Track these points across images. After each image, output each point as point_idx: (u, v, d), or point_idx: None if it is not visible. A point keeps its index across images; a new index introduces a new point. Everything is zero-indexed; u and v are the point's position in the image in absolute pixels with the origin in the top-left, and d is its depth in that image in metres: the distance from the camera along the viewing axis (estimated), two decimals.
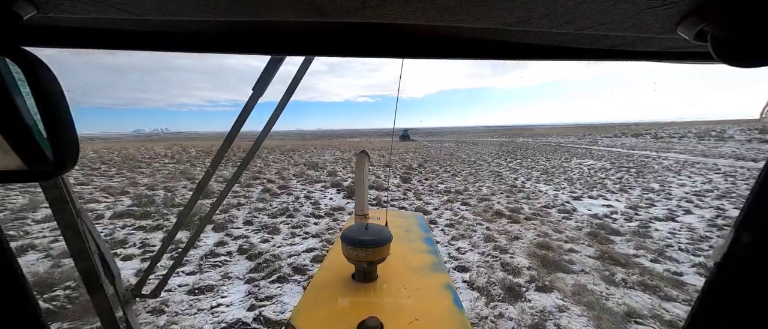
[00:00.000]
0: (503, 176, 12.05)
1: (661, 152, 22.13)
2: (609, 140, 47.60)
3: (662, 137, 47.24)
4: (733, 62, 0.37)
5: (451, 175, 12.19)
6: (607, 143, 37.41)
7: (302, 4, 0.41)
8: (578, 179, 11.11)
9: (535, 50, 0.61)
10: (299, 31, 0.57)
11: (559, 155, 21.23)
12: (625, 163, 15.63)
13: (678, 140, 43.06)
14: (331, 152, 23.94)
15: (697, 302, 0.40)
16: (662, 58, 0.62)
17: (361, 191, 1.55)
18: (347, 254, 1.13)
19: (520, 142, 45.34)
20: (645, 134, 53.87)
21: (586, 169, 13.76)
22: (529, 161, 17.53)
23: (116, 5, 0.41)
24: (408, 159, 18.46)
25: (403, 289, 1.13)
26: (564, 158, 18.50)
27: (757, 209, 0.35)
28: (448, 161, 17.23)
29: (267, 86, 1.05)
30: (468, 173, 12.87)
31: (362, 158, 1.54)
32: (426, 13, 0.43)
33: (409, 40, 0.59)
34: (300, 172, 12.32)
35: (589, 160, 17.38)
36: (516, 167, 14.61)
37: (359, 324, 0.91)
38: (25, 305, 0.42)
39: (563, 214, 6.65)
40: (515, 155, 21.78)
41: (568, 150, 25.73)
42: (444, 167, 14.86)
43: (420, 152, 23.72)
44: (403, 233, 1.74)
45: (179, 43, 0.57)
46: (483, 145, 35.88)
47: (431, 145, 37.03)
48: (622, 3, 0.38)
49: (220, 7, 0.42)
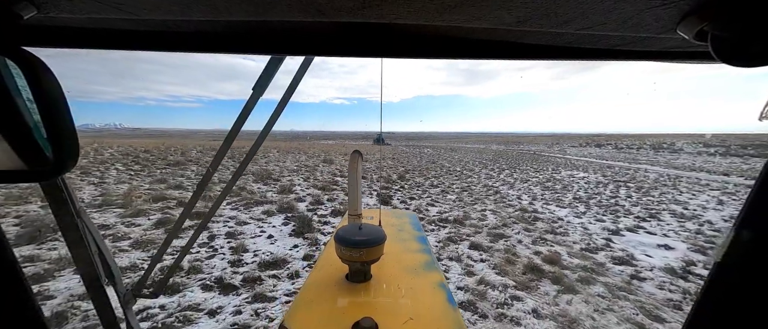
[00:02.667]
0: (501, 192, 9.94)
1: (634, 164, 21.83)
2: (575, 149, 49.02)
3: (622, 148, 49.67)
4: (733, 62, 0.37)
5: (441, 191, 9.84)
6: (577, 153, 37.90)
7: (302, 4, 0.41)
8: (587, 197, 9.32)
9: (535, 50, 0.61)
10: (299, 31, 0.57)
11: (543, 165, 19.93)
12: (615, 176, 14.42)
13: (637, 151, 45.28)
14: (296, 156, 20.68)
15: (698, 301, 0.40)
16: (662, 58, 0.62)
17: (354, 191, 1.54)
18: (341, 254, 1.11)
19: (495, 149, 44.90)
20: (606, 145, 56.72)
21: (583, 183, 12.22)
22: (519, 172, 15.82)
23: (116, 5, 0.41)
24: (386, 168, 15.92)
25: (398, 289, 1.12)
26: (551, 169, 17.09)
27: (757, 209, 0.36)
28: (433, 171, 14.95)
29: (267, 86, 1.04)
30: (459, 187, 10.62)
31: (355, 158, 1.53)
32: (426, 13, 0.43)
33: (409, 40, 0.59)
34: (241, 187, 8.63)
35: (578, 172, 16.07)
36: (509, 180, 12.68)
37: (354, 325, 0.89)
38: (25, 305, 0.43)
39: (623, 267, 4.47)
40: (500, 164, 20.15)
41: (549, 160, 24.80)
42: (429, 178, 12.52)
43: (399, 160, 21.26)
44: (396, 232, 1.72)
45: (179, 43, 0.57)
46: (462, 152, 34.43)
47: (409, 150, 34.88)
48: (621, 3, 0.38)
49: (219, 7, 0.42)
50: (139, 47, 0.57)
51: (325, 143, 58.03)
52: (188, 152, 19.72)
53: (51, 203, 0.90)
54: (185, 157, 16.87)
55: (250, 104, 1.06)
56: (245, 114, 1.07)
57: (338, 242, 1.08)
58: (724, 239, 0.37)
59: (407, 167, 16.82)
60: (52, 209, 0.91)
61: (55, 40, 0.54)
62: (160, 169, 12.38)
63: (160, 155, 17.84)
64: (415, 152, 31.02)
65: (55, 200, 0.90)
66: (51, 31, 0.53)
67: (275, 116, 1.12)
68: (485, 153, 33.15)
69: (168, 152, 19.51)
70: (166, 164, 13.67)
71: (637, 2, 0.37)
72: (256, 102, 1.07)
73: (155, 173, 11.15)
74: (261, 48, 0.58)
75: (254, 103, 1.07)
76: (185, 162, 14.75)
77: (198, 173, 11.43)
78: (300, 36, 0.57)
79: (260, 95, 1.05)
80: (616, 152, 42.48)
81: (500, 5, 0.40)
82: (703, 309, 0.40)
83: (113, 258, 1.11)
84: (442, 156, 26.34)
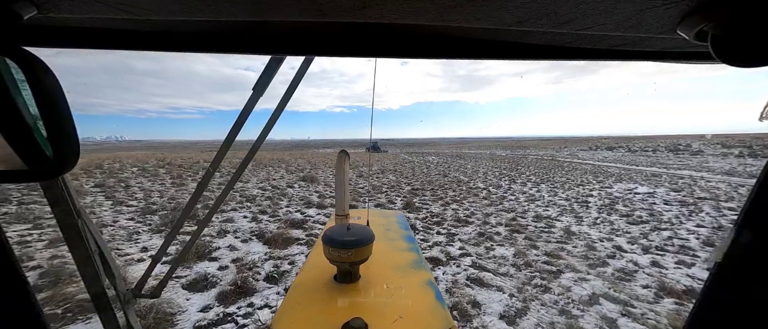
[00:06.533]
0: (573, 232, 6.05)
1: (670, 170, 18.15)
2: (587, 153, 45.33)
3: (636, 150, 46.02)
4: (733, 62, 0.37)
5: (478, 234, 5.91)
6: (594, 157, 34.10)
7: (302, 4, 0.41)
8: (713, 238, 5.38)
9: (535, 50, 0.60)
10: (299, 31, 0.56)
11: (575, 175, 16.01)
12: (690, 191, 10.49)
13: (653, 153, 41.70)
14: (272, 171, 16.69)
15: (699, 301, 0.40)
16: (662, 58, 0.62)
17: (341, 191, 1.55)
18: (329, 255, 1.09)
19: (502, 155, 41.06)
20: (618, 147, 53.01)
21: (662, 205, 8.38)
22: (558, 186, 11.92)
23: (116, 5, 0.41)
24: (384, 186, 11.97)
25: (386, 288, 1.11)
26: (594, 181, 13.21)
27: (757, 209, 0.36)
28: (450, 190, 11.01)
29: (267, 86, 1.04)
30: (499, 222, 6.70)
31: (342, 158, 1.53)
32: (426, 13, 0.43)
33: (409, 40, 0.58)
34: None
35: (630, 184, 12.19)
36: (560, 203, 8.77)
37: (343, 326, 0.88)
38: (25, 305, 0.43)
39: None
40: (524, 174, 16.18)
41: (574, 167, 20.89)
42: (449, 204, 8.55)
43: (401, 172, 17.17)
44: (384, 231, 1.71)
45: (179, 43, 0.57)
46: (471, 159, 30.42)
47: (412, 159, 30.83)
48: (622, 3, 0.38)
49: (220, 8, 0.42)
50: (139, 47, 0.56)
51: (323, 151, 54.12)
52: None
53: (52, 204, 0.89)
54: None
55: (250, 104, 1.07)
56: (246, 114, 1.08)
57: (326, 243, 1.07)
58: (725, 239, 0.37)
59: (413, 183, 12.85)
60: (52, 209, 0.89)
61: (55, 40, 0.54)
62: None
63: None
64: (419, 161, 26.97)
65: (56, 199, 0.89)
66: (51, 31, 0.53)
67: (275, 116, 1.14)
68: (496, 160, 29.22)
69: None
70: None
71: (637, 2, 0.37)
72: (256, 102, 1.07)
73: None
74: (261, 48, 0.58)
75: (254, 103, 1.07)
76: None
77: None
78: (300, 36, 0.58)
79: (260, 95, 1.05)
80: (634, 155, 38.87)
81: (500, 5, 0.40)
82: (704, 309, 0.40)
83: (113, 257, 1.08)
84: (451, 166, 22.35)
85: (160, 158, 20.54)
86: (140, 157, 21.65)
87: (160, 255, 1.24)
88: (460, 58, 0.59)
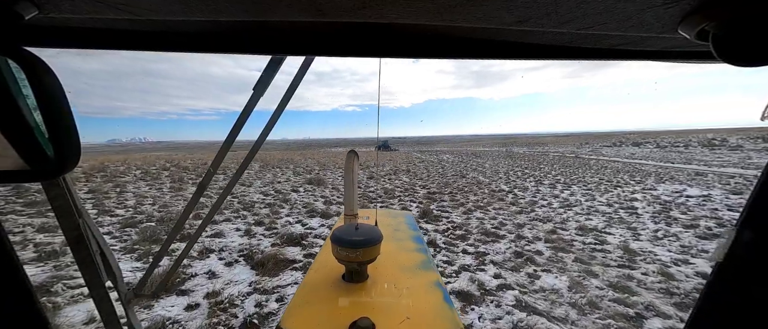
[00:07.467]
0: (634, 250, 4.83)
1: (719, 168, 16.20)
2: (611, 149, 42.59)
3: (666, 146, 42.83)
4: (734, 62, 0.37)
5: (514, 254, 4.79)
6: (620, 154, 31.78)
7: (302, 4, 0.41)
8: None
9: (536, 50, 0.60)
10: (299, 31, 0.57)
11: (606, 174, 14.39)
12: (733, 187, 8.87)
13: (685, 148, 38.66)
14: (279, 173, 15.94)
15: (699, 301, 0.40)
16: (663, 58, 0.62)
17: (350, 191, 1.55)
18: (337, 255, 1.10)
19: (520, 152, 39.12)
20: (644, 143, 49.64)
21: (726, 212, 6.83)
22: (594, 188, 10.50)
23: (117, 5, 0.41)
24: (397, 189, 10.91)
25: (394, 288, 1.11)
26: (632, 181, 11.67)
27: (757, 209, 0.36)
28: (471, 195, 9.85)
29: (268, 86, 1.05)
30: (536, 236, 5.54)
31: (351, 158, 1.53)
32: (426, 12, 0.43)
33: (409, 40, 0.58)
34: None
35: (679, 186, 10.61)
36: (605, 210, 7.46)
37: (351, 325, 0.89)
38: (25, 304, 0.42)
39: None
40: (550, 174, 14.73)
41: (603, 165, 19.12)
42: (472, 211, 7.41)
43: (415, 173, 16.03)
44: (392, 232, 1.69)
45: (179, 44, 0.57)
46: (488, 157, 28.81)
47: (425, 157, 29.54)
48: (622, 2, 0.38)
49: (220, 7, 0.42)
50: (139, 47, 0.56)
51: (334, 151, 53.59)
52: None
53: (52, 203, 0.89)
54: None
55: (250, 104, 1.08)
56: (246, 114, 1.09)
57: (335, 242, 1.08)
58: (726, 239, 0.37)
59: (428, 185, 11.74)
60: (53, 209, 0.89)
61: (56, 40, 0.54)
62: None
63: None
64: (433, 160, 25.66)
65: (57, 199, 0.89)
66: (52, 31, 0.53)
67: (276, 116, 1.14)
68: (515, 158, 27.55)
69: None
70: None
71: (637, 2, 0.37)
72: (256, 102, 1.09)
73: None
74: (261, 48, 0.58)
75: (255, 103, 1.09)
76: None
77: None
78: (300, 36, 0.58)
79: (261, 95, 1.07)
80: (664, 151, 36.13)
81: (501, 5, 0.40)
82: (705, 310, 0.40)
83: (114, 257, 1.08)
84: (468, 165, 20.99)
85: (167, 160, 20.30)
86: (149, 159, 21.52)
87: (161, 254, 1.30)
88: (460, 58, 0.60)
